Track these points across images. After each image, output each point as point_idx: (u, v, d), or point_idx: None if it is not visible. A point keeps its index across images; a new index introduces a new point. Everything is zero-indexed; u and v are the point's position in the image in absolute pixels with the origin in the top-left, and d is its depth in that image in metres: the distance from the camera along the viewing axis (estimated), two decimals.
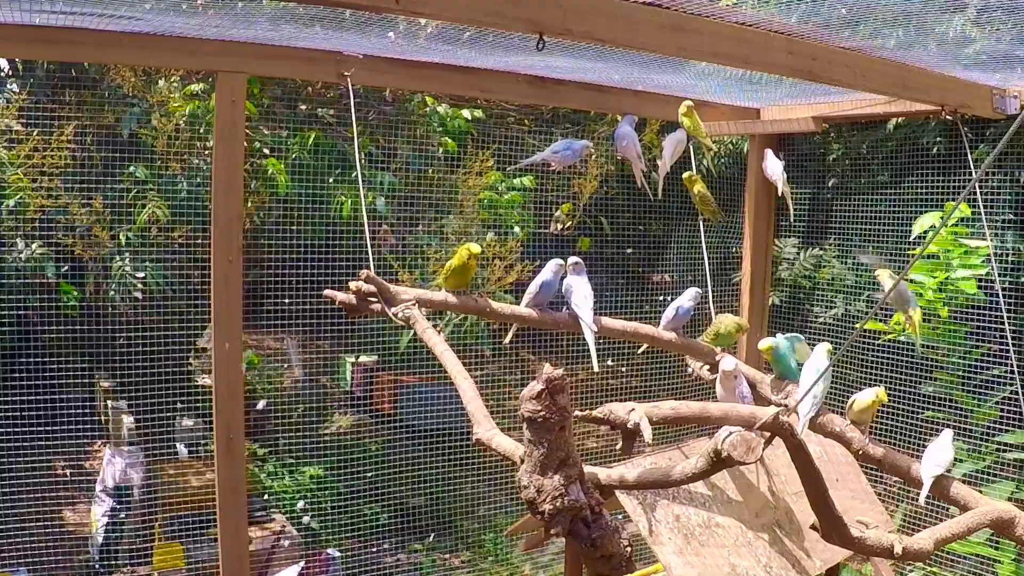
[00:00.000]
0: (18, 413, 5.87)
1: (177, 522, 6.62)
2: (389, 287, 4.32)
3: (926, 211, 5.58)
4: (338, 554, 7.10)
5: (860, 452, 4.32)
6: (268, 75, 5.75)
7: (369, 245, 4.59)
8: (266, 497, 7.40)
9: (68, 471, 6.98)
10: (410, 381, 7.96)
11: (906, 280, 5.60)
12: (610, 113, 6.78)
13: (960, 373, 5.69)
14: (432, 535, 7.28)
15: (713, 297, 5.39)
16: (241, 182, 4.70)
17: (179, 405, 7.55)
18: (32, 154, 5.63)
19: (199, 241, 6.03)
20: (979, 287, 5.23)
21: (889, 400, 6.04)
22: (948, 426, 5.68)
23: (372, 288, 4.33)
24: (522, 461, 3.11)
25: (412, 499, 7.43)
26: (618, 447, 3.34)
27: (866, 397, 4.31)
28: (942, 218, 5.41)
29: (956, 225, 5.39)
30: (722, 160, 7.42)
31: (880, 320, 5.84)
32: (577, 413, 3.16)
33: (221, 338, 4.67)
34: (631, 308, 6.81)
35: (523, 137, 7.37)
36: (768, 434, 3.36)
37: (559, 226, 7.28)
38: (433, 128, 6.86)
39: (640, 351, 5.22)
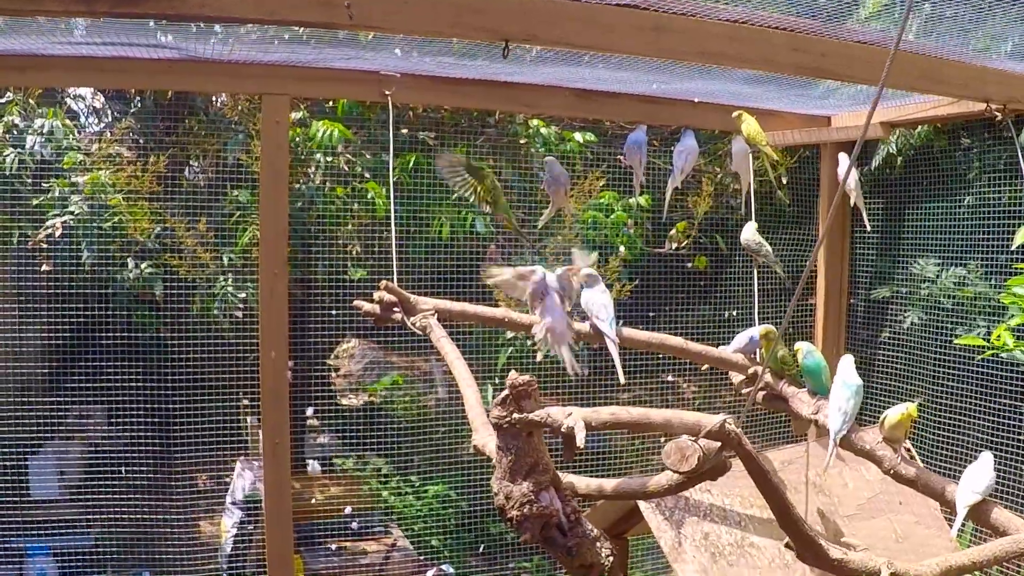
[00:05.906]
0: (168, 424, 6.29)
1: (297, 534, 6.89)
2: (409, 297, 4.40)
3: None
4: (452, 570, 7.17)
5: (891, 471, 4.04)
6: (311, 96, 5.97)
7: (395, 255, 4.69)
8: (388, 513, 7.57)
9: (210, 483, 7.37)
10: (550, 402, 7.92)
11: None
12: (665, 124, 6.57)
13: None
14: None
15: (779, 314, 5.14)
16: (286, 199, 4.91)
17: (315, 423, 7.88)
18: (141, 178, 6.05)
19: (299, 261, 6.30)
20: None
21: (990, 424, 5.58)
22: None
23: (393, 298, 4.43)
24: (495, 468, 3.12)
25: None
26: None
27: (896, 413, 4.05)
28: None
29: None
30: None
31: (981, 336, 5.41)
32: (515, 416, 3.14)
33: (267, 347, 4.88)
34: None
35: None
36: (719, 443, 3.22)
37: (674, 244, 7.15)
38: (537, 150, 6.88)
39: (704, 367, 5.05)
